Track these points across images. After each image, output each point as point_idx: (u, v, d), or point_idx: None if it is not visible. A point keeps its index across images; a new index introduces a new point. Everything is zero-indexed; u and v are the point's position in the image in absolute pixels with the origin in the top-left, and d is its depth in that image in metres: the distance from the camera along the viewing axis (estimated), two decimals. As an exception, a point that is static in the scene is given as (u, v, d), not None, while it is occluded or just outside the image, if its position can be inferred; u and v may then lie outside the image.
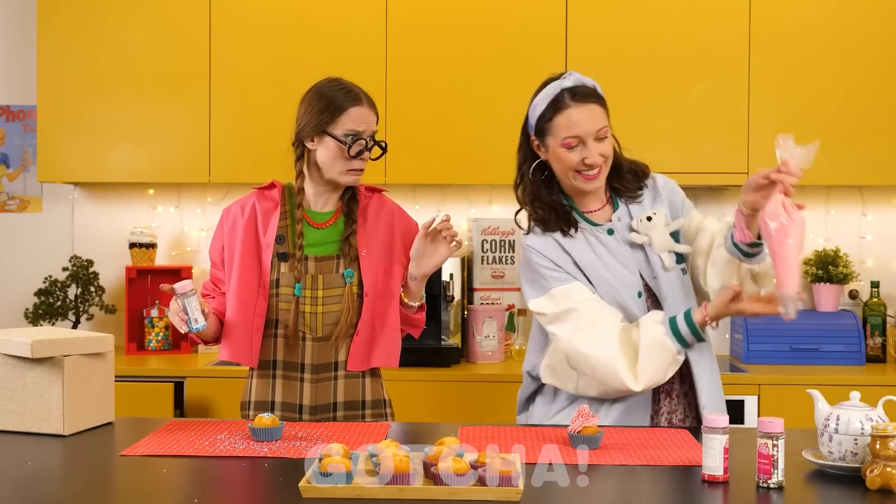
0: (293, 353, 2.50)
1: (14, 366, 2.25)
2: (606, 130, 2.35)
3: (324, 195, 2.54)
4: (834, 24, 3.76)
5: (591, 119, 2.33)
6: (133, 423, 2.35)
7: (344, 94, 2.47)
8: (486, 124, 3.77)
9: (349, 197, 2.56)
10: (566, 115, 2.33)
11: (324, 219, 2.53)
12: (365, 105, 2.48)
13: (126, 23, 3.87)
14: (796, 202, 2.08)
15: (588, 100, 2.34)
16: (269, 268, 2.48)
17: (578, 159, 2.34)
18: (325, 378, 2.51)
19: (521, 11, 3.80)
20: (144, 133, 3.88)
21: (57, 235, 4.23)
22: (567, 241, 2.40)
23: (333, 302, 2.48)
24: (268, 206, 2.53)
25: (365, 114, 2.48)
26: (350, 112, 2.45)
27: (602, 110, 2.36)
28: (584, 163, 2.33)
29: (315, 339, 2.49)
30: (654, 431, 2.27)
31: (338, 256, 2.50)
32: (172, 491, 1.84)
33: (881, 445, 1.77)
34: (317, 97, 2.48)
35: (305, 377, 2.50)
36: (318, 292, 2.48)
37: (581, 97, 2.34)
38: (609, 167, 2.40)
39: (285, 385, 2.50)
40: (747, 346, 3.81)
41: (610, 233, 2.41)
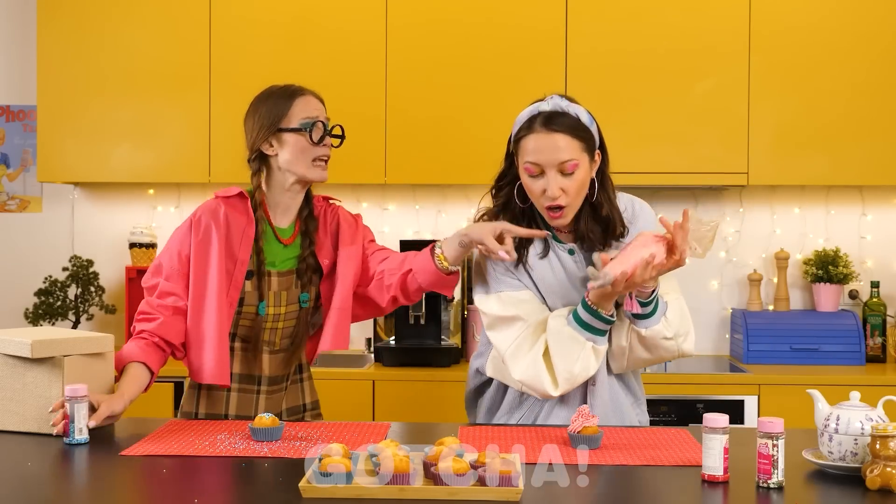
0: (251, 366, 2.47)
1: (14, 366, 2.25)
2: (572, 165, 2.22)
3: (282, 206, 2.45)
4: (834, 24, 3.76)
5: (552, 149, 2.21)
6: (133, 423, 2.35)
7: (284, 91, 2.43)
8: (487, 124, 3.77)
9: (307, 215, 2.48)
10: (529, 140, 2.25)
11: (288, 234, 2.47)
12: (309, 94, 2.43)
13: (126, 23, 3.87)
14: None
15: (558, 129, 2.22)
16: (240, 285, 2.39)
17: (540, 190, 2.25)
18: (278, 389, 2.51)
19: (521, 11, 3.80)
20: (144, 133, 3.88)
21: (57, 235, 4.23)
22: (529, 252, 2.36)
23: (292, 317, 2.48)
24: (240, 219, 2.41)
25: (311, 102, 2.42)
26: (297, 102, 2.40)
27: (572, 142, 2.22)
28: (545, 195, 2.25)
29: (272, 351, 2.48)
30: (654, 431, 2.27)
31: (296, 272, 2.46)
32: (172, 491, 1.84)
33: (881, 445, 1.77)
34: (260, 103, 2.43)
35: (262, 389, 2.48)
36: (281, 308, 2.45)
37: (551, 125, 2.23)
38: (578, 204, 2.29)
39: (240, 398, 2.47)
40: (747, 346, 3.81)
41: (571, 253, 2.36)
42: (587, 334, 2.25)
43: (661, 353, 2.32)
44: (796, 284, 4.10)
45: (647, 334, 2.27)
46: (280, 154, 2.41)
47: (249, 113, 2.46)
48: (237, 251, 2.40)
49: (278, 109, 2.40)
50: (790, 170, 3.78)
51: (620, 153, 3.75)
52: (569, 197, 2.25)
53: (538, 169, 2.24)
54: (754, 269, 4.10)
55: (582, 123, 2.26)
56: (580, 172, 2.24)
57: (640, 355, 2.33)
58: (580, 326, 2.25)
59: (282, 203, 2.46)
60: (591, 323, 2.24)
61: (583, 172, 2.25)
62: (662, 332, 2.28)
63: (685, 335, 2.32)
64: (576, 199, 2.27)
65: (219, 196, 2.45)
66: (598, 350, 2.27)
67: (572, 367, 2.25)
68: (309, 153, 2.40)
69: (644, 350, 2.32)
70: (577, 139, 2.24)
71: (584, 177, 2.27)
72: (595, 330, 2.25)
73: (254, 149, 2.43)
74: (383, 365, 3.74)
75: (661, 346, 2.30)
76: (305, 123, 2.39)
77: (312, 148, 2.40)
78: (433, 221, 4.16)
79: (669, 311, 2.29)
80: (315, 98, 2.44)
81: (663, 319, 2.28)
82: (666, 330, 2.28)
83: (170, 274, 2.40)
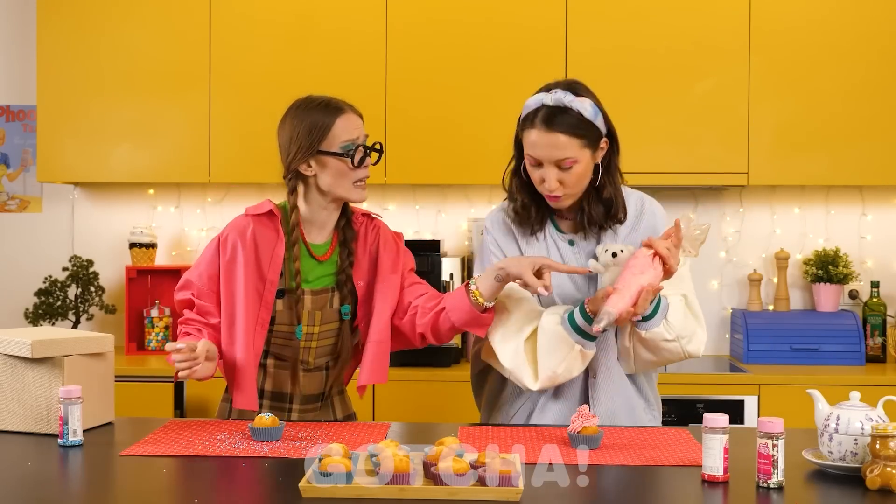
0: (283, 383, 2.44)
1: (14, 366, 2.25)
2: (570, 162, 2.24)
3: (319, 223, 2.41)
4: (834, 24, 3.76)
5: (550, 147, 2.23)
6: (133, 423, 2.35)
7: (325, 109, 2.35)
8: (486, 124, 3.77)
9: (344, 224, 2.44)
10: (531, 133, 2.26)
11: (323, 251, 2.42)
12: (349, 112, 2.37)
13: (126, 23, 3.87)
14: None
15: (557, 128, 2.23)
16: (271, 305, 2.35)
17: (539, 179, 2.29)
18: (312, 409, 2.48)
19: (521, 11, 3.80)
20: (144, 133, 3.88)
21: (57, 235, 4.23)
22: (526, 241, 2.39)
23: (328, 336, 2.43)
24: (269, 235, 2.37)
25: (353, 120, 2.36)
26: (338, 124, 2.33)
27: (570, 141, 2.23)
28: (543, 185, 2.28)
29: (307, 370, 2.44)
30: (654, 431, 2.27)
31: (332, 289, 2.41)
32: (172, 491, 1.84)
33: (881, 445, 1.77)
34: (297, 119, 2.35)
35: (293, 407, 2.45)
36: (315, 328, 2.41)
37: (550, 124, 2.24)
38: (578, 192, 2.31)
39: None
40: (747, 346, 3.81)
41: (571, 244, 2.38)
42: (577, 337, 2.25)
43: (665, 354, 2.31)
44: (796, 284, 4.10)
45: (648, 336, 2.27)
46: (320, 176, 2.35)
47: (285, 127, 2.38)
48: (266, 271, 2.36)
49: (319, 130, 2.32)
50: (790, 170, 3.78)
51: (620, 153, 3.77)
52: (566, 188, 2.28)
53: (536, 162, 2.27)
54: (754, 269, 4.10)
55: (584, 120, 2.25)
56: (579, 167, 2.27)
57: (645, 357, 2.33)
58: (572, 329, 2.25)
59: (318, 220, 2.41)
60: (583, 328, 2.24)
61: (582, 167, 2.27)
62: (663, 335, 2.27)
63: (689, 336, 2.31)
64: (574, 188, 2.29)
65: (249, 213, 2.40)
66: (585, 354, 2.27)
67: (556, 367, 2.26)
68: (350, 176, 2.35)
69: (647, 352, 2.32)
70: (577, 137, 2.25)
71: (584, 170, 2.28)
72: (586, 335, 2.25)
73: (290, 168, 2.36)
74: (383, 365, 3.74)
75: (662, 348, 2.29)
76: (346, 147, 2.33)
77: (353, 171, 2.35)
78: (433, 221, 4.16)
79: (671, 313, 2.29)
80: (355, 115, 2.39)
81: (664, 322, 2.27)
82: (667, 332, 2.27)
83: (200, 292, 2.38)
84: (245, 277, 2.34)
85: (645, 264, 2.18)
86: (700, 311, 2.36)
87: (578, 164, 2.26)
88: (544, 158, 2.25)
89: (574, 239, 2.38)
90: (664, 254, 2.18)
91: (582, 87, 2.31)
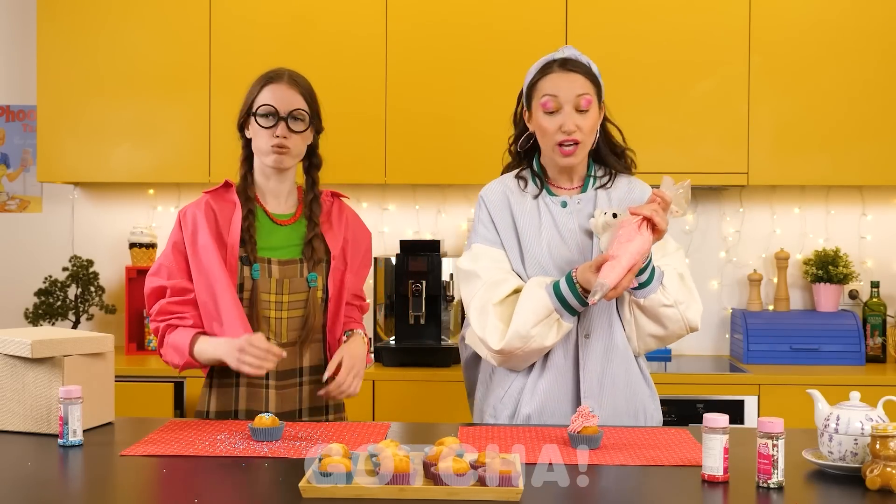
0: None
1: (14, 366, 2.25)
2: (587, 101, 2.34)
3: (271, 192, 2.50)
4: (834, 24, 3.76)
5: (570, 85, 2.34)
6: (133, 423, 2.35)
7: (264, 76, 2.50)
8: (487, 124, 3.77)
9: (311, 199, 2.52)
10: (549, 79, 2.37)
11: (285, 218, 2.50)
12: (281, 82, 2.48)
13: (126, 23, 3.87)
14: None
15: (574, 70, 2.36)
16: (236, 270, 2.41)
17: (556, 127, 2.33)
18: (291, 384, 2.47)
19: (520, 11, 3.80)
20: (144, 133, 3.88)
21: (57, 235, 4.23)
22: (519, 201, 2.41)
23: (298, 307, 2.46)
24: (227, 206, 2.47)
25: (280, 90, 2.46)
26: (264, 90, 2.47)
27: (587, 82, 2.36)
28: (561, 130, 2.33)
29: (280, 344, 2.44)
30: (654, 431, 2.27)
31: (300, 260, 2.46)
32: (172, 491, 1.84)
33: (881, 445, 1.77)
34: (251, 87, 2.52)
35: (271, 384, 2.44)
36: (284, 297, 2.44)
37: (568, 66, 2.37)
38: (589, 145, 2.38)
39: (250, 393, 2.43)
40: (747, 346, 3.81)
41: (563, 205, 2.41)
42: (557, 305, 2.27)
43: (667, 322, 2.34)
44: (796, 284, 4.10)
45: (646, 304, 2.31)
46: (253, 140, 2.49)
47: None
48: (226, 237, 2.43)
49: (252, 95, 2.49)
50: (790, 170, 3.78)
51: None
52: (583, 133, 2.35)
53: (556, 104, 2.34)
54: (754, 269, 4.10)
55: (592, 72, 2.40)
56: (593, 111, 2.36)
57: (648, 328, 2.35)
58: (556, 297, 2.27)
59: (267, 188, 2.51)
60: (567, 298, 2.26)
61: (594, 113, 2.37)
62: (661, 300, 2.31)
63: (687, 302, 2.35)
64: (588, 137, 2.37)
65: (206, 192, 2.51)
66: (561, 325, 2.28)
67: (530, 328, 2.26)
68: (265, 140, 2.45)
69: (649, 321, 2.34)
70: (591, 83, 2.38)
71: (595, 119, 2.38)
72: (568, 306, 2.27)
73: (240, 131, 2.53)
74: (383, 365, 3.74)
75: (662, 314, 2.32)
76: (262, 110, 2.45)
77: (267, 133, 2.44)
78: (433, 221, 4.16)
79: (666, 279, 2.32)
80: (289, 87, 2.48)
81: (661, 287, 2.31)
82: (664, 297, 2.31)
83: (171, 271, 2.45)
84: (211, 245, 2.41)
85: (632, 231, 2.21)
86: (694, 287, 2.40)
87: (592, 109, 2.36)
88: (565, 98, 2.33)
89: (566, 200, 2.41)
90: (650, 215, 2.22)
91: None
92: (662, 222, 2.23)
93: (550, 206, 2.40)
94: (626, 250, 2.18)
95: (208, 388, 2.48)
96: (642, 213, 2.22)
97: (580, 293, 2.26)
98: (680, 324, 2.35)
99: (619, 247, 2.19)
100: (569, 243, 2.38)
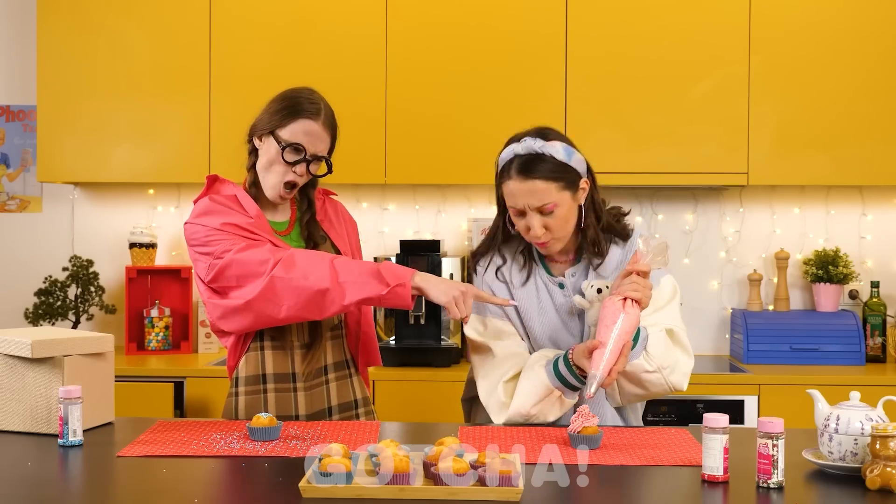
0: (283, 364, 2.43)
1: (14, 366, 2.25)
2: (551, 206, 2.25)
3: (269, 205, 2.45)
4: (834, 24, 3.76)
5: (529, 195, 2.25)
6: (133, 424, 2.35)
7: (305, 103, 2.37)
8: (487, 124, 3.77)
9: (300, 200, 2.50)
10: (509, 185, 2.28)
11: (283, 227, 2.46)
12: (320, 122, 2.37)
13: (126, 23, 3.87)
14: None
15: (532, 175, 2.24)
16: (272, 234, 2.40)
17: (525, 228, 2.30)
18: (318, 384, 2.47)
19: (521, 12, 3.80)
20: (144, 133, 3.88)
21: (57, 235, 4.23)
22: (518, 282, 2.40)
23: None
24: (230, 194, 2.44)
25: (316, 129, 2.36)
26: (298, 123, 2.35)
27: (548, 186, 2.24)
28: (529, 234, 2.30)
29: (302, 345, 2.44)
30: (654, 431, 2.27)
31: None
32: (172, 491, 1.84)
33: (881, 445, 1.77)
34: (280, 98, 2.40)
35: (299, 386, 2.43)
36: None
37: (525, 171, 2.25)
38: (566, 234, 2.33)
39: (279, 398, 2.41)
40: (747, 346, 3.81)
41: (561, 287, 2.39)
42: (559, 384, 2.27)
43: (650, 387, 2.31)
44: (796, 284, 4.10)
45: (629, 370, 2.26)
46: (261, 155, 2.41)
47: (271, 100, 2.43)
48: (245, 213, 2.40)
49: (287, 114, 2.36)
50: (790, 170, 3.78)
51: (620, 153, 3.78)
52: (552, 233, 2.30)
53: (520, 210, 2.29)
54: (754, 269, 4.10)
55: (558, 162, 2.26)
56: (561, 210, 2.28)
57: (629, 389, 2.33)
58: (555, 376, 2.27)
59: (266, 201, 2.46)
60: (566, 377, 2.26)
61: (564, 209, 2.28)
62: (643, 366, 2.27)
63: (671, 367, 2.30)
64: (559, 232, 2.31)
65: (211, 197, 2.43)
66: (564, 401, 2.29)
67: (529, 408, 2.28)
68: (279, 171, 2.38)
69: (631, 385, 2.32)
70: (554, 181, 2.26)
71: (567, 212, 2.29)
72: (568, 384, 2.27)
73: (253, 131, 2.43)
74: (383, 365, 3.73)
75: (644, 380, 2.29)
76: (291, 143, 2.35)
77: (283, 168, 2.37)
78: (433, 221, 4.16)
79: (652, 344, 2.28)
80: (324, 129, 2.38)
81: (644, 353, 2.27)
82: (647, 363, 2.27)
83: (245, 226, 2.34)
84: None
85: (615, 312, 2.17)
86: (687, 342, 2.35)
87: (560, 208, 2.27)
88: (525, 206, 2.26)
89: (563, 282, 2.39)
90: (629, 295, 2.17)
91: (552, 132, 2.33)
92: (644, 297, 2.19)
93: (549, 287, 2.39)
94: (612, 334, 2.16)
95: (234, 395, 2.43)
96: (623, 295, 2.18)
97: (578, 374, 2.25)
98: (663, 387, 2.31)
99: (605, 331, 2.16)
100: (568, 324, 2.38)
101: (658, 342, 2.29)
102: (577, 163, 2.30)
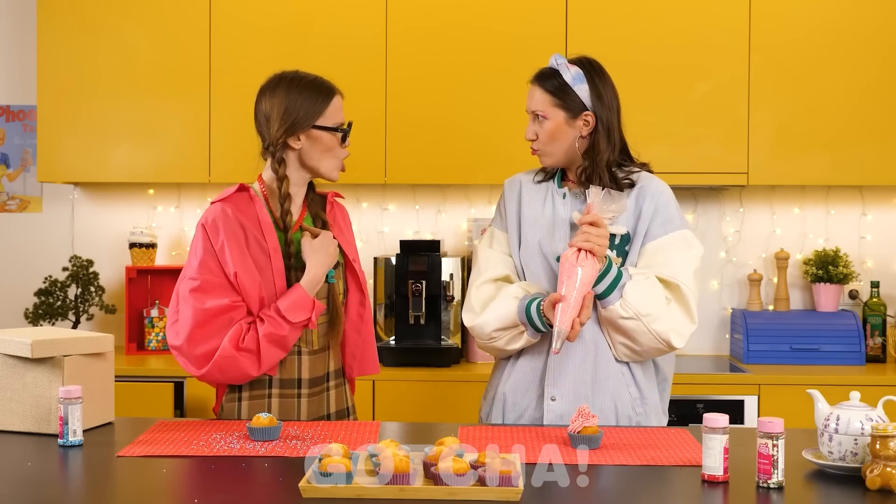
0: (290, 369, 2.41)
1: (14, 366, 2.25)
2: (541, 115, 2.41)
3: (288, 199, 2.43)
4: (834, 24, 3.76)
5: (530, 98, 2.45)
6: (133, 424, 2.35)
7: (321, 87, 2.43)
8: (486, 124, 3.77)
9: (312, 199, 2.50)
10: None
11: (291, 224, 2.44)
12: (339, 94, 2.47)
13: (126, 23, 3.87)
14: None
15: (538, 83, 2.44)
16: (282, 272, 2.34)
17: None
18: (319, 391, 2.46)
19: (520, 12, 3.80)
20: (144, 133, 3.88)
21: (57, 235, 4.23)
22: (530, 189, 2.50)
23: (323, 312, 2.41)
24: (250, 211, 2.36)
25: (341, 103, 2.47)
26: (334, 103, 2.43)
27: (545, 96, 2.41)
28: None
29: (311, 352, 2.43)
30: (654, 431, 2.27)
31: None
32: (173, 491, 1.84)
33: (881, 445, 1.77)
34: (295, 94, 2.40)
35: (303, 392, 2.42)
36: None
37: (536, 78, 2.46)
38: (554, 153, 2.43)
39: (282, 404, 2.40)
40: (747, 346, 3.81)
41: (563, 196, 2.47)
42: (524, 320, 2.34)
43: (634, 336, 2.30)
44: (796, 284, 4.10)
45: (605, 314, 2.31)
46: (307, 151, 2.40)
47: (276, 98, 2.41)
48: (263, 241, 2.35)
49: (316, 105, 2.40)
50: (790, 170, 3.78)
51: (620, 153, 3.77)
52: (539, 143, 2.43)
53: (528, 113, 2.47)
54: (754, 269, 4.10)
55: (561, 83, 2.41)
56: (549, 124, 2.41)
57: (616, 337, 2.34)
58: (524, 312, 2.34)
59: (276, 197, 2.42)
60: (533, 319, 2.33)
61: (552, 124, 2.41)
62: (618, 312, 2.28)
63: (654, 315, 2.27)
64: (546, 146, 2.43)
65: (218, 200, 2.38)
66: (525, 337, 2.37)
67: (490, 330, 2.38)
68: (338, 154, 2.44)
69: (617, 333, 2.33)
70: (551, 95, 2.41)
71: (555, 129, 2.41)
72: (534, 325, 2.34)
73: (279, 139, 2.38)
74: (383, 365, 3.74)
75: (623, 327, 2.29)
76: (340, 125, 2.43)
77: (340, 150, 2.44)
78: (433, 221, 4.16)
79: (631, 290, 2.27)
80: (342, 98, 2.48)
81: (620, 299, 2.28)
82: (622, 310, 2.27)
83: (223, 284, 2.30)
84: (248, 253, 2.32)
85: (571, 265, 2.25)
86: (690, 302, 2.33)
87: (549, 121, 2.41)
88: (527, 109, 2.46)
89: (566, 192, 2.47)
90: (581, 246, 2.25)
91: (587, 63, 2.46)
92: (598, 246, 2.24)
93: (555, 196, 2.47)
94: (572, 287, 2.23)
95: (237, 400, 2.40)
96: (575, 246, 2.26)
97: (546, 324, 2.31)
98: (648, 336, 2.28)
99: (564, 285, 2.25)
100: (558, 234, 2.42)
101: (638, 289, 2.28)
102: (581, 91, 2.40)
